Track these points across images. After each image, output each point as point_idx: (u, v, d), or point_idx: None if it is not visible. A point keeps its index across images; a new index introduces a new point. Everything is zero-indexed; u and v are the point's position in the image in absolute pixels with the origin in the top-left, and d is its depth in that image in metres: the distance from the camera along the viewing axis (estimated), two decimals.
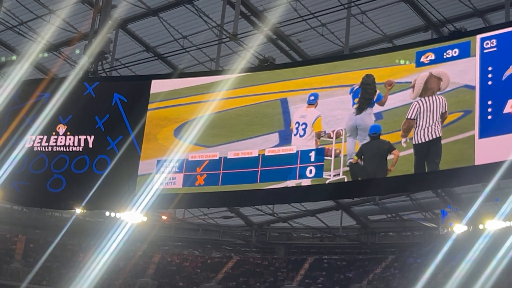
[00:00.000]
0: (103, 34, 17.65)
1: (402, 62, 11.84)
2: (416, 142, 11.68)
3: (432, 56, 12.74)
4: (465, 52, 12.91)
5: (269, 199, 15.66)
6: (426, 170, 11.72)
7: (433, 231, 30.23)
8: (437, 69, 11.78)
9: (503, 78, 12.60)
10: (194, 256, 36.96)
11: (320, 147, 13.63)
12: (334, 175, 11.87)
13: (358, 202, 30.25)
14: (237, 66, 17.53)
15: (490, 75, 12.76)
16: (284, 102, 12.97)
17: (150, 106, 14.58)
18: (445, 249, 27.52)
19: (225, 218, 34.36)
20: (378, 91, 11.61)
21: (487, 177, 12.51)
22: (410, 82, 11.58)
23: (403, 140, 11.39)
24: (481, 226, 26.64)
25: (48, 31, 22.62)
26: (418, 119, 11.58)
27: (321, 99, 12.11)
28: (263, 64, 16.29)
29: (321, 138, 11.82)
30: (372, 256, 33.78)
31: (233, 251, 37.11)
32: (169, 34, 22.76)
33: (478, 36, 13.15)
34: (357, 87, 11.81)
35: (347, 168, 11.91)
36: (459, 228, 27.01)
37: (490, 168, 12.26)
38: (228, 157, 14.64)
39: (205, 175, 14.65)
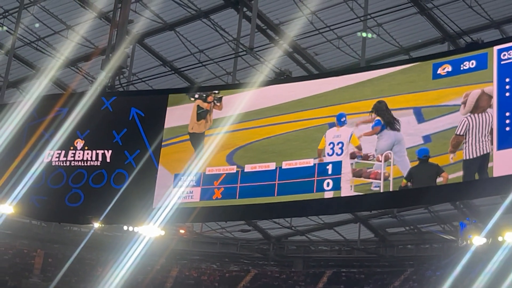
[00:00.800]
0: (120, 49, 17.75)
1: None
2: (466, 158, 11.58)
3: (449, 68, 12.67)
4: (482, 64, 12.88)
5: (287, 212, 15.64)
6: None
7: (452, 243, 30.07)
8: (489, 87, 11.68)
9: None
10: (212, 270, 36.93)
11: (338, 159, 13.64)
12: None
13: (376, 214, 30.14)
14: (255, 79, 17.59)
15: (507, 87, 12.71)
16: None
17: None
18: (464, 261, 27.35)
19: (242, 232, 34.33)
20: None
21: (505, 189, 12.45)
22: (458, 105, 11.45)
23: (451, 156, 11.29)
24: (500, 238, 26.48)
25: (66, 47, 22.77)
26: (467, 135, 11.49)
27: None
28: (279, 77, 16.32)
29: (369, 161, 11.73)
30: (391, 269, 33.62)
31: (251, 265, 37.05)
32: (186, 48, 22.84)
33: (495, 48, 13.11)
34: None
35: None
36: (478, 240, 26.86)
37: (509, 180, 12.20)
38: (245, 170, 14.64)
39: (223, 189, 14.65)
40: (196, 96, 11.96)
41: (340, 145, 12.41)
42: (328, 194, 13.82)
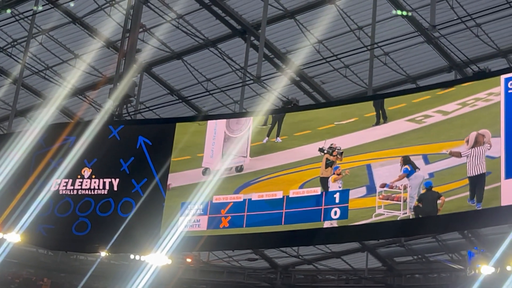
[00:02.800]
0: (128, 78, 17.83)
1: None
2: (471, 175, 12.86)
3: None
4: None
5: (294, 241, 15.62)
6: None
7: (460, 273, 29.87)
8: (482, 130, 12.87)
9: None
10: None
11: (346, 188, 13.73)
12: (403, 214, 13.34)
13: (384, 243, 29.99)
14: (261, 108, 17.63)
15: None
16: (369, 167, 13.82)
17: None
18: None
19: (249, 261, 34.16)
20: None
21: None
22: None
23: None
24: (508, 268, 26.29)
25: (73, 76, 22.87)
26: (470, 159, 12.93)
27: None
28: (286, 106, 16.37)
29: (393, 189, 13.47)
30: None
31: None
32: (193, 77, 22.90)
33: (503, 77, 13.16)
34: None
35: (412, 210, 13.31)
36: (486, 269, 26.66)
37: None
38: (252, 199, 14.64)
39: (230, 217, 14.66)
40: (325, 151, 13.61)
41: None
42: (335, 223, 13.83)
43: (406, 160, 13.38)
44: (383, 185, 13.53)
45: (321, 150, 13.86)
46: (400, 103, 13.92)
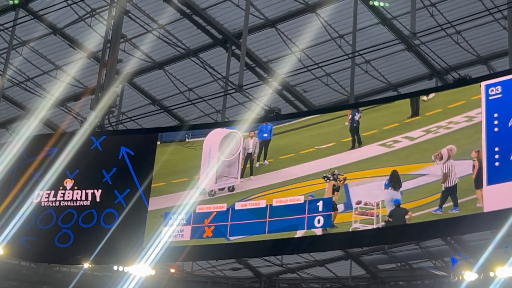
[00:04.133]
0: (110, 89, 17.79)
1: None
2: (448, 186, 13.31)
3: None
4: None
5: (278, 250, 15.63)
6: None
7: (444, 279, 29.95)
8: (449, 146, 13.55)
9: (509, 125, 12.65)
10: None
11: (328, 197, 13.81)
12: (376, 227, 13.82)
13: (367, 251, 30.05)
14: (245, 117, 17.68)
15: (496, 122, 12.81)
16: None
17: None
18: None
19: (233, 270, 34.11)
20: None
21: (496, 224, 12.52)
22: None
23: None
24: (491, 274, 26.38)
25: (55, 87, 22.80)
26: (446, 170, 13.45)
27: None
28: (268, 115, 16.39)
29: (367, 206, 14.06)
30: None
31: None
32: (175, 87, 22.89)
33: (483, 83, 13.26)
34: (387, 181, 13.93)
35: (384, 223, 13.74)
36: (469, 275, 26.73)
37: (499, 215, 12.26)
38: (235, 208, 14.64)
39: (213, 227, 14.65)
40: (330, 178, 14.24)
41: None
42: (319, 231, 13.87)
43: (392, 176, 13.90)
44: (359, 202, 13.97)
45: (326, 177, 14.38)
46: (372, 129, 14.45)
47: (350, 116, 14.67)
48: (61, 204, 15.71)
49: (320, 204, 13.99)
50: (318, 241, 14.02)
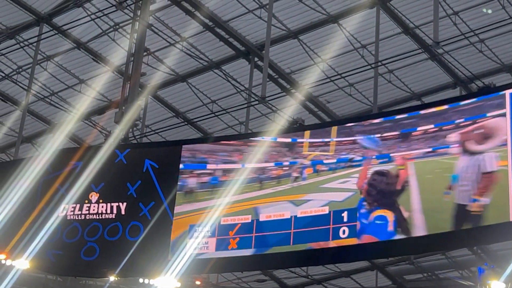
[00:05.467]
0: (133, 102, 17.88)
1: None
2: None
3: None
4: None
5: (303, 261, 15.59)
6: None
7: None
8: None
9: None
10: None
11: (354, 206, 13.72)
12: None
13: (393, 261, 29.89)
14: (267, 128, 17.68)
15: None
16: None
17: None
18: None
19: (259, 282, 34.05)
20: None
21: None
22: None
23: None
24: None
25: (80, 101, 22.94)
26: None
27: None
28: (292, 126, 16.39)
29: None
30: None
31: None
32: (198, 99, 22.95)
33: (507, 91, 13.17)
34: None
35: None
36: (497, 285, 26.53)
37: None
38: (260, 220, 14.62)
39: (238, 239, 14.64)
40: None
41: None
42: (344, 242, 13.80)
43: None
44: None
45: None
46: None
47: None
48: (87, 218, 15.78)
49: (344, 214, 13.92)
50: (343, 251, 13.95)
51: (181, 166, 15.68)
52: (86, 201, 15.90)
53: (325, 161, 14.59)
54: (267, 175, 15.01)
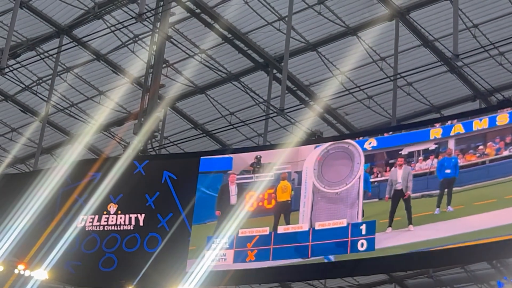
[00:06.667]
0: (152, 114, 17.93)
1: None
2: None
3: None
4: None
5: (321, 273, 15.54)
6: None
7: None
8: None
9: None
10: None
11: (372, 220, 13.61)
12: None
13: (412, 275, 29.71)
14: (285, 140, 17.64)
15: None
16: None
17: None
18: None
19: None
20: None
21: None
22: None
23: None
24: None
25: (99, 112, 23.03)
26: None
27: None
28: (311, 138, 16.36)
29: None
30: None
31: None
32: (217, 111, 22.98)
33: None
34: None
35: None
36: None
37: None
38: (278, 232, 14.59)
39: (256, 251, 14.62)
40: None
41: None
42: (363, 255, 13.73)
43: None
44: None
45: None
46: None
47: None
48: (105, 229, 15.82)
49: (363, 227, 13.86)
50: (361, 264, 13.89)
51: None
52: (105, 212, 15.94)
53: None
54: None
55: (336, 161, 13.03)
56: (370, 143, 12.26)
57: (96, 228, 15.85)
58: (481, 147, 11.67)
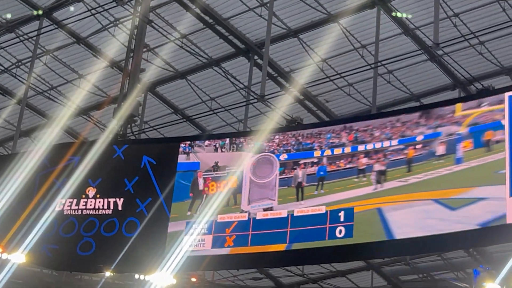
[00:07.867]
0: (132, 98, 17.86)
1: None
2: None
3: None
4: None
5: (299, 260, 15.58)
6: None
7: None
8: None
9: None
10: None
11: (350, 206, 13.71)
12: None
13: (389, 262, 29.90)
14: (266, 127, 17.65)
15: None
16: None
17: None
18: None
19: (254, 280, 34.05)
20: None
21: None
22: None
23: None
24: None
25: (78, 96, 22.92)
26: None
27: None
28: (290, 125, 16.36)
29: None
30: None
31: None
32: (197, 96, 22.95)
33: (507, 94, 13.17)
34: None
35: None
36: (492, 287, 26.58)
37: None
38: (257, 218, 14.62)
39: (234, 236, 14.64)
40: None
41: None
42: (341, 242, 13.80)
43: None
44: None
45: None
46: None
47: None
48: (83, 213, 15.77)
49: (341, 214, 13.92)
50: (339, 251, 13.95)
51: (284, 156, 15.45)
52: (83, 196, 15.88)
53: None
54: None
55: (263, 165, 15.35)
56: (283, 157, 15.17)
57: (75, 212, 15.80)
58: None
